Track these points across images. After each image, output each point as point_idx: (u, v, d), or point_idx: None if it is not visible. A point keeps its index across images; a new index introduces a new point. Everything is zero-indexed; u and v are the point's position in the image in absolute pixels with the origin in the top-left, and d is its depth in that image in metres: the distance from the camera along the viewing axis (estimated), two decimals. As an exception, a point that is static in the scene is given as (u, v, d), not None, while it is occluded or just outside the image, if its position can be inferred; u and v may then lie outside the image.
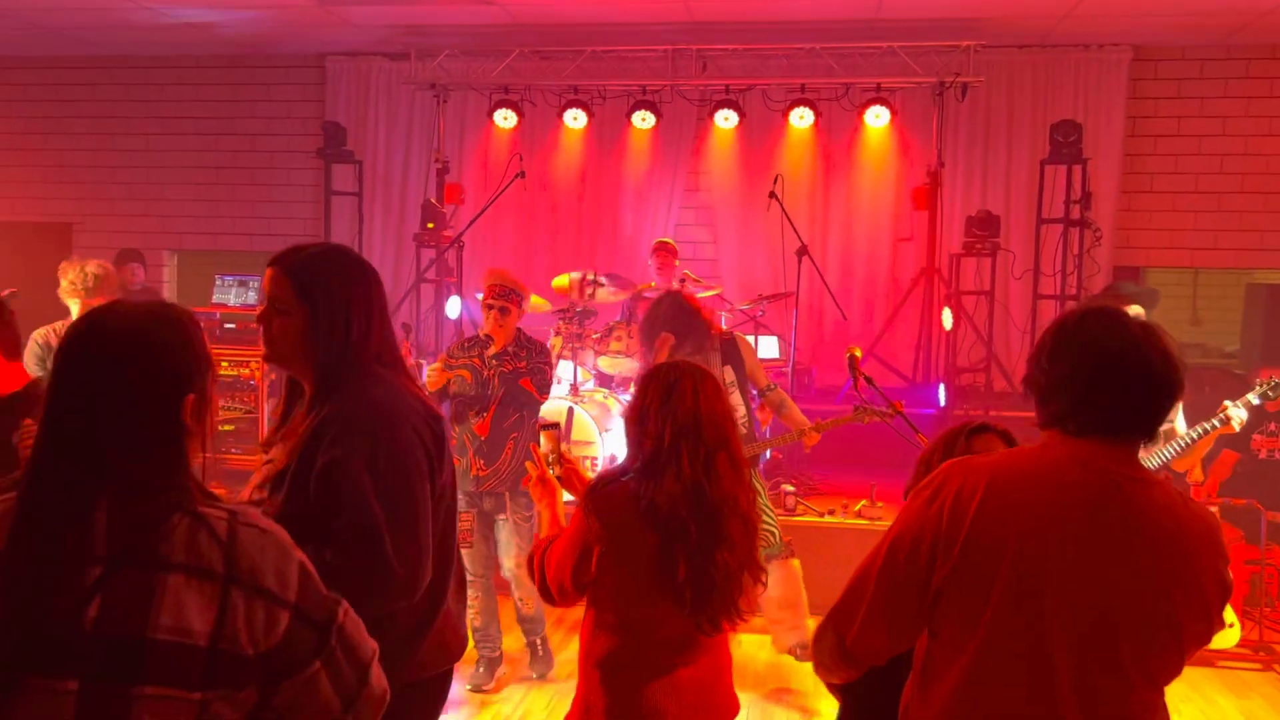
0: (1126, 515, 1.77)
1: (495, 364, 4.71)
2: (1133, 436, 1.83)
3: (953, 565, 1.78)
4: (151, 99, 9.57)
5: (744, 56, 8.40)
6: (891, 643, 1.89)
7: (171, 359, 1.59)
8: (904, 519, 1.88)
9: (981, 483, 1.80)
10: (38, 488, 1.51)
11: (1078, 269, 8.13)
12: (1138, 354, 1.79)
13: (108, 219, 9.64)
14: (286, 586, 1.54)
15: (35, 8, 7.85)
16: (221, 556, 1.50)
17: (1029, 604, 1.75)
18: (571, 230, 9.12)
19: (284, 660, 1.53)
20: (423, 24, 8.19)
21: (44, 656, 1.43)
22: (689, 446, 2.48)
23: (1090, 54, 8.41)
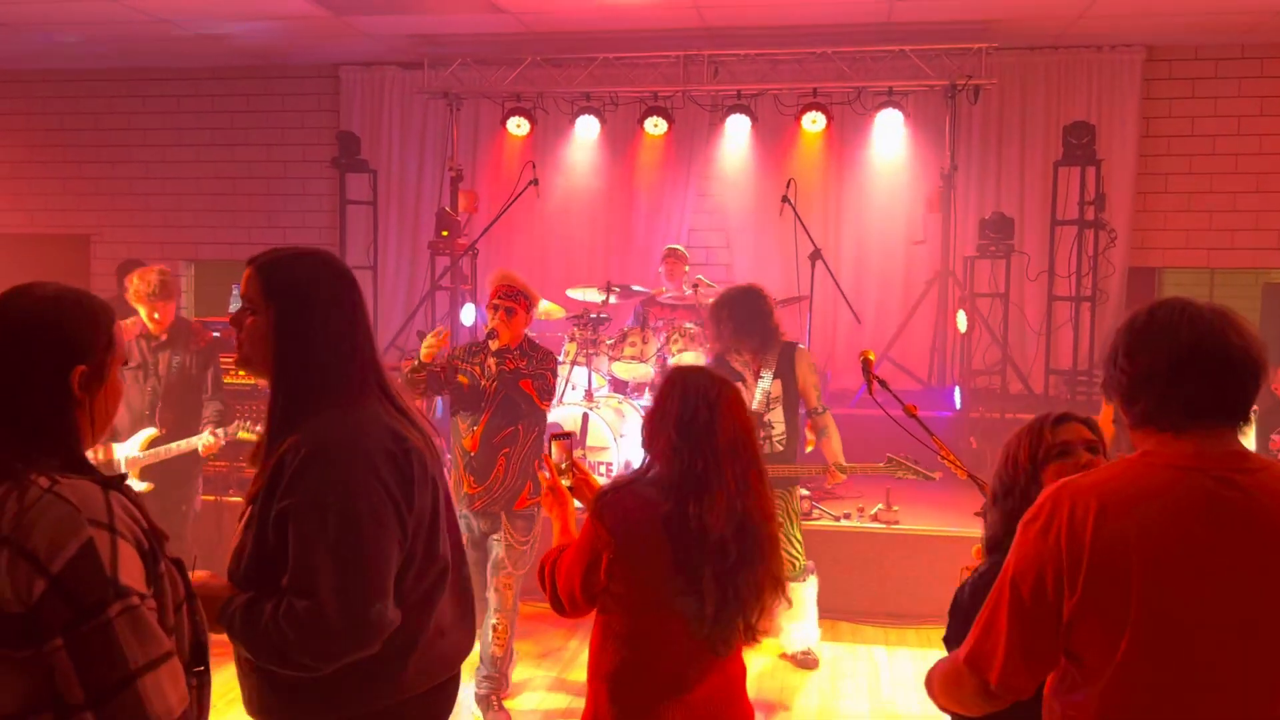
0: (1245, 510, 1.72)
1: (495, 363, 4.48)
2: (1227, 423, 1.78)
3: (1080, 595, 1.74)
4: (168, 110, 9.65)
5: (755, 61, 8.41)
6: (1034, 676, 1.85)
7: (66, 330, 1.71)
8: (1020, 552, 1.83)
9: (1093, 505, 1.75)
10: None
11: (1092, 270, 8.11)
12: (1215, 338, 1.75)
13: (126, 230, 9.72)
14: (54, 557, 1.56)
15: (54, 22, 7.93)
16: (12, 519, 1.58)
17: (1168, 619, 1.71)
18: (585, 236, 9.15)
19: (35, 625, 1.55)
20: (436, 33, 8.24)
21: None
22: (731, 465, 2.44)
23: (1103, 55, 8.39)
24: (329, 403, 2.09)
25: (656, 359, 6.67)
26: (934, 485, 4.98)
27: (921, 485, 5.01)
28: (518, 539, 4.51)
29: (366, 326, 2.23)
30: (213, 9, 7.56)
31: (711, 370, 2.62)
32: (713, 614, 2.41)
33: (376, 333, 9.00)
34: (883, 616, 5.89)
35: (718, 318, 5.02)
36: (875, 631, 5.79)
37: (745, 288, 5.17)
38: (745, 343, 4.96)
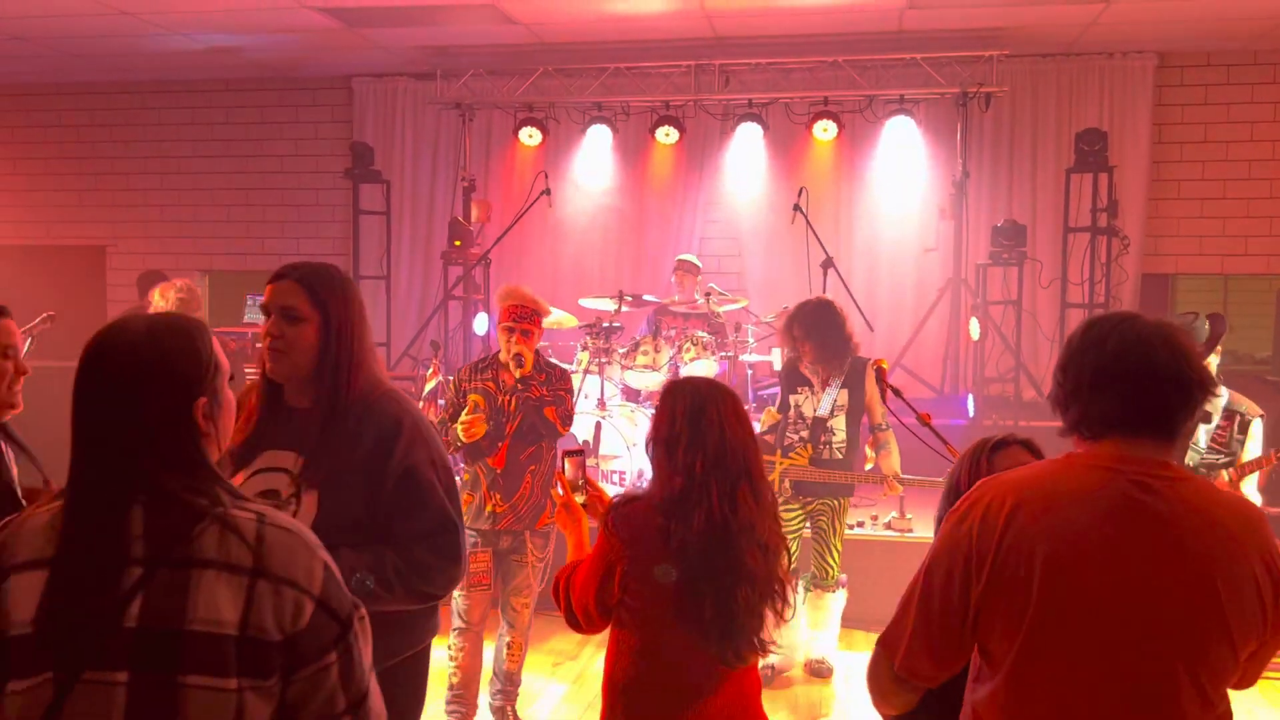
0: (1157, 514, 1.76)
1: (520, 388, 4.33)
2: (1152, 435, 1.81)
3: (985, 583, 1.79)
4: (183, 122, 9.72)
5: (766, 71, 8.43)
6: (938, 664, 1.90)
7: (178, 365, 1.68)
8: (937, 542, 1.90)
9: (1009, 498, 1.81)
10: (78, 498, 1.63)
11: (1105, 277, 8.09)
12: (1140, 350, 1.79)
13: (141, 241, 9.78)
14: (312, 579, 1.63)
15: (69, 35, 8.00)
16: (250, 554, 1.60)
17: (1066, 614, 1.75)
18: (597, 246, 9.17)
19: (306, 647, 1.60)
20: (448, 44, 8.28)
21: (96, 652, 1.54)
22: (717, 480, 2.46)
23: (1115, 61, 8.38)
24: (380, 389, 2.45)
25: (669, 368, 6.69)
26: (948, 493, 4.98)
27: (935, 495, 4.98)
28: (537, 556, 4.42)
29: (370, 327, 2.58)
30: (227, 22, 7.62)
31: (702, 382, 2.62)
32: (713, 627, 2.42)
33: (390, 343, 9.04)
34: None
35: (794, 330, 5.11)
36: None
37: (821, 302, 5.30)
38: (822, 355, 5.06)
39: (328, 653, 1.62)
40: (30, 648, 1.55)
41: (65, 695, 1.54)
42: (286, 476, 2.39)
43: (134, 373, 1.65)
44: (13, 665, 1.55)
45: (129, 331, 1.69)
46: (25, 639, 1.55)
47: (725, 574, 2.43)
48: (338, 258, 9.49)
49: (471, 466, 4.39)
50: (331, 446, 2.36)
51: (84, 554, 1.58)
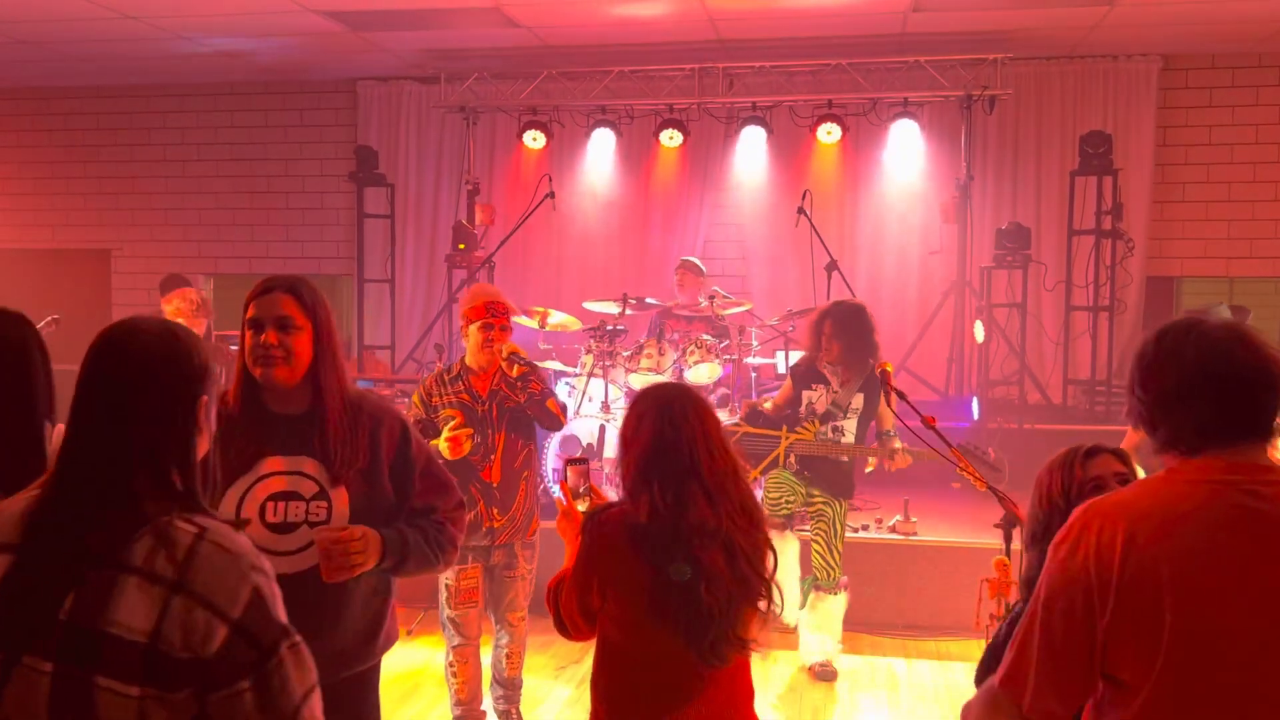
0: (1274, 519, 1.72)
1: (503, 392, 4.18)
2: (1248, 439, 1.77)
3: (1111, 614, 1.74)
4: (188, 126, 9.74)
5: (770, 74, 8.43)
6: (1066, 702, 1.84)
7: (187, 360, 1.76)
8: (1049, 577, 1.83)
9: (1120, 526, 1.75)
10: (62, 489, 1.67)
11: (1110, 280, 8.09)
12: (1220, 356, 1.76)
13: (146, 245, 9.80)
14: (233, 603, 1.62)
15: (76, 39, 8.02)
16: (174, 568, 1.61)
17: (1204, 635, 1.70)
18: (601, 249, 9.17)
19: (217, 670, 1.60)
20: (452, 48, 8.29)
21: (34, 639, 1.59)
22: (659, 476, 2.45)
23: (1119, 64, 8.38)
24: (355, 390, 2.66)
25: (673, 370, 6.68)
26: (952, 496, 4.99)
27: (939, 498, 5.00)
28: (528, 568, 4.32)
29: None
30: (232, 26, 7.64)
31: (665, 386, 2.64)
32: (681, 625, 2.41)
33: (394, 346, 9.00)
34: (901, 628, 5.87)
35: (825, 326, 5.15)
36: (894, 643, 5.77)
37: (858, 305, 5.33)
38: (847, 357, 5.10)
39: (240, 679, 1.60)
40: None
41: (6, 677, 1.59)
42: (306, 480, 2.50)
43: (149, 360, 1.71)
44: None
45: (143, 324, 1.77)
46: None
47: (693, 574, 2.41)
48: (342, 261, 9.52)
49: (463, 486, 4.14)
50: (348, 446, 2.54)
51: (46, 544, 1.63)
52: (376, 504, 2.55)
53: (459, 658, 4.26)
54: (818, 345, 5.22)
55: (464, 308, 4.31)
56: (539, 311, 6.88)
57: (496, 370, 4.22)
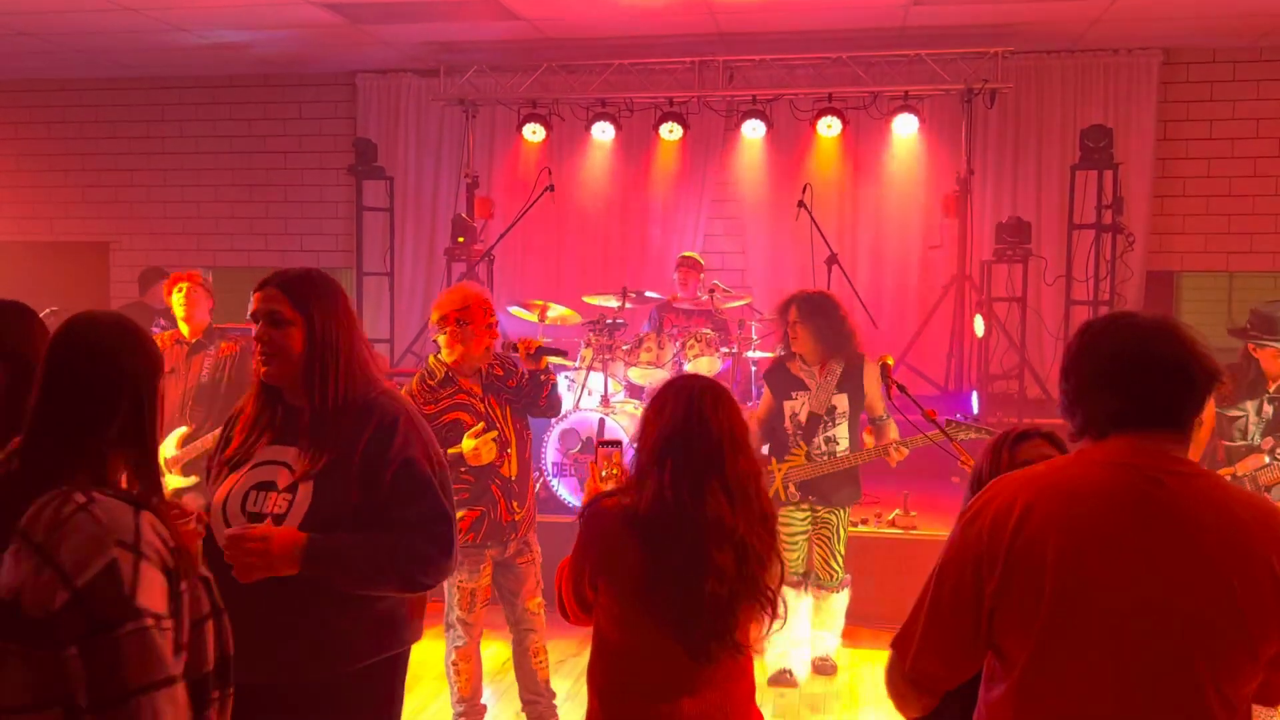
0: (1169, 510, 1.74)
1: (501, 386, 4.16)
2: (1161, 429, 1.81)
3: (997, 583, 1.79)
4: (187, 119, 9.72)
5: (771, 67, 8.42)
6: (949, 666, 1.89)
7: (149, 344, 1.93)
8: (950, 543, 1.89)
9: (1020, 498, 1.80)
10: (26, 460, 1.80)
11: (1110, 274, 8.08)
12: (1137, 345, 1.80)
13: (144, 238, 9.79)
14: (80, 571, 1.67)
15: (72, 31, 8.00)
16: (45, 529, 1.70)
17: (1080, 613, 1.74)
18: (600, 242, 9.16)
19: (57, 633, 1.66)
20: (452, 40, 8.27)
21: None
22: (674, 462, 2.40)
23: (1120, 58, 8.36)
24: (378, 388, 2.57)
25: (673, 364, 6.67)
26: (952, 490, 4.97)
27: (939, 492, 4.97)
28: (537, 552, 4.26)
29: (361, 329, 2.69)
30: (231, 18, 7.61)
31: (691, 377, 2.56)
32: (674, 618, 2.38)
33: (393, 339, 9.01)
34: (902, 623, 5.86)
35: (789, 313, 4.90)
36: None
37: (821, 291, 5.06)
38: (816, 345, 4.87)
39: (70, 645, 1.65)
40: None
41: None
42: (285, 469, 2.48)
43: (114, 342, 1.87)
44: None
45: (103, 314, 1.94)
46: None
47: (687, 566, 2.38)
48: (341, 254, 9.50)
49: (480, 482, 4.04)
50: (327, 440, 2.46)
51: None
52: (339, 503, 2.42)
53: (462, 656, 4.20)
54: (784, 337, 5.01)
55: (449, 309, 4.04)
56: (538, 305, 6.88)
57: (479, 366, 4.12)
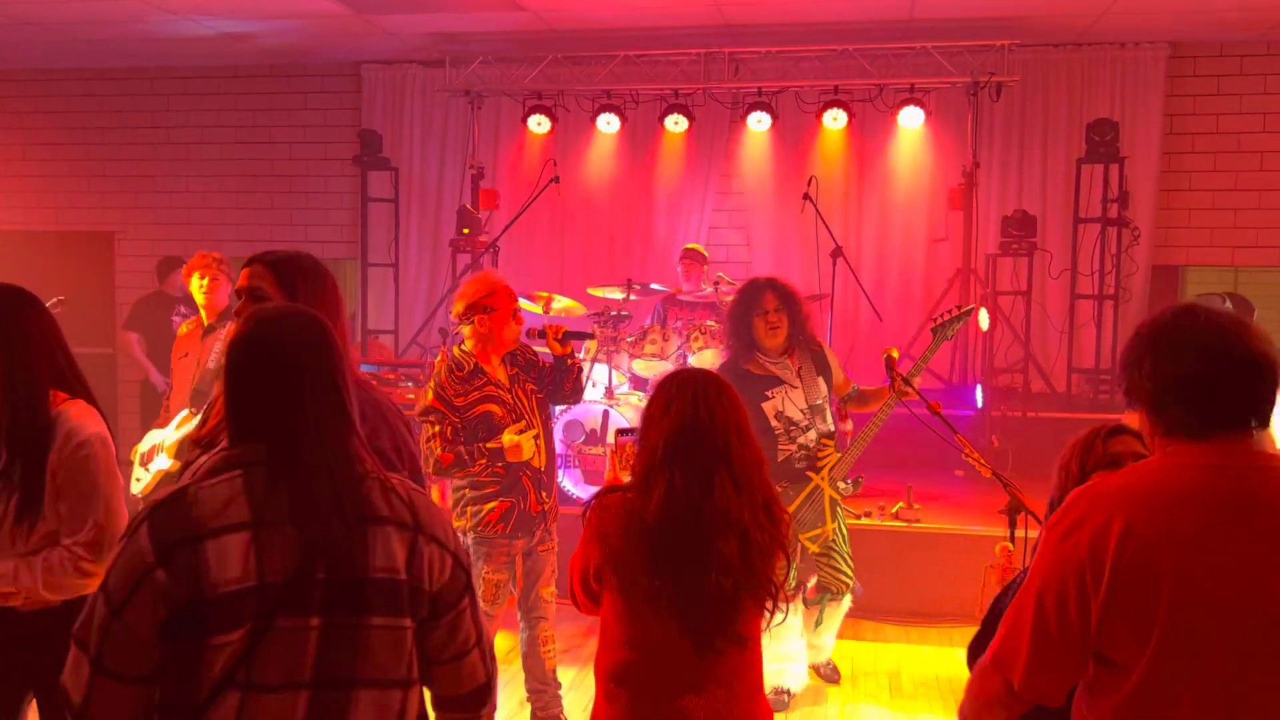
0: (1269, 503, 1.75)
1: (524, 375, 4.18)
2: (1247, 428, 1.82)
3: (1104, 596, 1.76)
4: (192, 109, 9.71)
5: (776, 59, 8.40)
6: (1057, 682, 1.87)
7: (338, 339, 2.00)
8: (1043, 560, 1.86)
9: (1118, 510, 1.78)
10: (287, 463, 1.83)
11: (1115, 268, 8.07)
12: (1240, 344, 1.80)
13: (150, 227, 9.79)
14: (449, 538, 1.96)
15: (78, 21, 7.99)
16: (409, 512, 1.90)
17: (1200, 619, 1.72)
18: (605, 234, 9.16)
19: (447, 596, 1.92)
20: (457, 31, 8.26)
21: (291, 601, 1.76)
22: (684, 461, 2.41)
23: (1127, 52, 8.34)
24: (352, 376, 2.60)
25: (677, 357, 6.68)
26: (956, 484, 4.96)
27: (942, 485, 4.92)
28: (556, 539, 4.27)
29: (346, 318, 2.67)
30: (236, 8, 7.61)
31: (694, 371, 2.58)
32: (678, 611, 2.38)
33: (397, 330, 8.98)
34: (904, 615, 5.88)
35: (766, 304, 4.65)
36: (896, 630, 5.78)
37: (784, 281, 4.78)
38: (793, 334, 4.65)
39: (463, 599, 1.96)
40: (235, 604, 1.73)
41: (262, 638, 1.74)
42: None
43: (327, 345, 1.94)
44: (213, 622, 1.72)
45: (303, 312, 1.99)
46: (231, 596, 1.73)
47: (692, 559, 2.38)
48: (346, 245, 9.51)
49: (511, 473, 4.04)
50: None
51: (326, 511, 1.80)
52: None
53: None
54: (749, 333, 4.62)
55: (475, 297, 4.06)
56: (543, 296, 6.88)
57: (503, 356, 4.15)
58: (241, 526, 1.75)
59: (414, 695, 1.89)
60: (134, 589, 1.72)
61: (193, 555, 1.72)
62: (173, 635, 1.72)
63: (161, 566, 1.72)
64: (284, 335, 1.88)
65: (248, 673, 1.71)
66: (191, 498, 1.78)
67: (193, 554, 1.72)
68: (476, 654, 1.98)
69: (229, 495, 1.78)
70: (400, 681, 1.84)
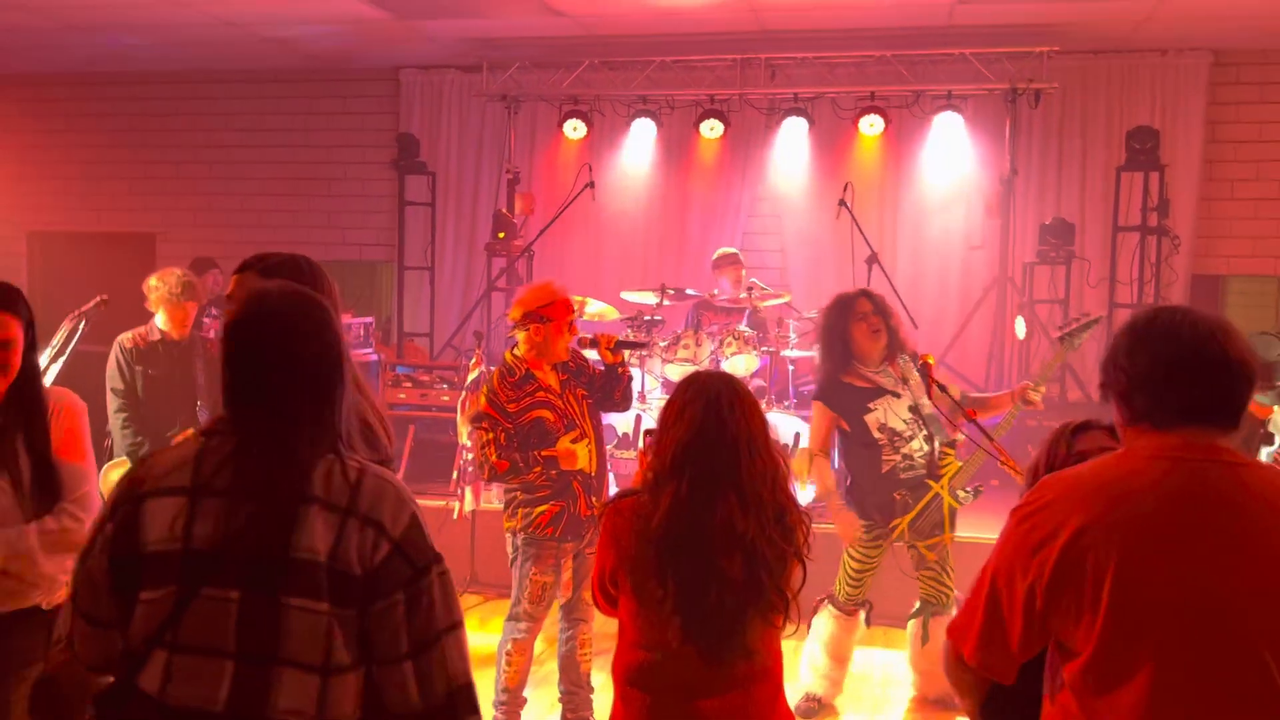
0: (1224, 499, 1.78)
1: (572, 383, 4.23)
2: (1219, 423, 1.84)
3: (1048, 582, 1.81)
4: (233, 112, 9.83)
5: (813, 65, 8.38)
6: (1005, 659, 1.91)
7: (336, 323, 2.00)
8: (1002, 541, 1.92)
9: (1076, 498, 1.83)
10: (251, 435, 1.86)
11: (1155, 277, 7.98)
12: (1214, 341, 1.83)
13: (190, 229, 9.92)
14: (395, 525, 1.84)
15: (122, 25, 8.12)
16: (348, 493, 1.84)
17: (1143, 606, 1.76)
18: (639, 239, 9.17)
19: (381, 584, 1.81)
20: (495, 37, 8.31)
21: (212, 571, 1.79)
22: (691, 473, 2.39)
23: (1168, 59, 8.25)
24: None
25: (709, 362, 6.68)
26: (991, 493, 4.88)
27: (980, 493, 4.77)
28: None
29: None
30: (278, 13, 7.70)
31: (712, 374, 2.56)
32: (680, 625, 2.38)
33: (433, 333, 9.00)
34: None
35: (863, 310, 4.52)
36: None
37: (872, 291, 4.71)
38: (895, 345, 4.55)
39: (395, 592, 1.81)
40: (161, 564, 1.80)
41: (187, 607, 1.78)
42: None
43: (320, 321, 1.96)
44: (144, 578, 1.80)
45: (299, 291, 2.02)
46: (158, 556, 1.80)
47: (694, 573, 2.38)
48: (383, 248, 9.59)
49: (563, 477, 4.09)
50: None
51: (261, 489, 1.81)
52: None
53: (518, 649, 4.18)
54: (847, 343, 4.51)
55: (534, 305, 4.12)
56: (577, 300, 6.88)
57: (556, 363, 4.20)
58: (180, 491, 1.83)
59: (337, 685, 1.79)
60: (93, 539, 1.89)
61: (133, 512, 1.84)
62: (118, 586, 1.83)
63: (110, 520, 1.87)
64: (272, 311, 1.92)
65: (174, 634, 1.78)
66: (151, 459, 1.93)
67: (134, 511, 1.84)
68: (409, 668, 1.82)
69: (179, 460, 1.87)
70: (318, 667, 1.77)
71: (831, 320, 4.61)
